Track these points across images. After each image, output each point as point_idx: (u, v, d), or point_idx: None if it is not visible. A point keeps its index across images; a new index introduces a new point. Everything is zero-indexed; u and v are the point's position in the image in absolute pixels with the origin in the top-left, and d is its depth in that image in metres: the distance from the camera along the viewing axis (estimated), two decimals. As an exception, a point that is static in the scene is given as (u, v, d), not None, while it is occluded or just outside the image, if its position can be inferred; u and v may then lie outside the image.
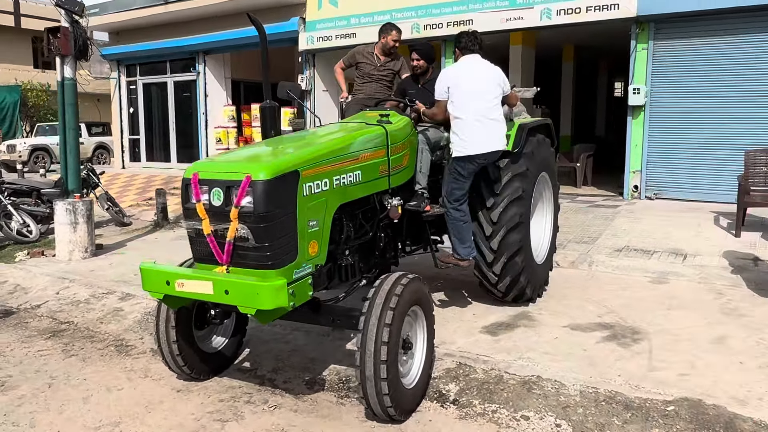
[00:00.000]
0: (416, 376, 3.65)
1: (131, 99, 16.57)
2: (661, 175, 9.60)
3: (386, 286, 3.41)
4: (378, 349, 3.22)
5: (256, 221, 3.20)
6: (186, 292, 3.29)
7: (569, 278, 6.16)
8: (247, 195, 3.20)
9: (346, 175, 3.79)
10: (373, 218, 4.34)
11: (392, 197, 4.38)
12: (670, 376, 3.84)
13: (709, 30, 9.00)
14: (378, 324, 3.26)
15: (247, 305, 3.10)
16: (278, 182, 3.24)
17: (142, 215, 10.79)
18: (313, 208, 3.50)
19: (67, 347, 4.85)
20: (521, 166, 4.91)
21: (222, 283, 3.16)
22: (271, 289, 3.04)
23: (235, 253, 3.30)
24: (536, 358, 4.16)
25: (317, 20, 12.58)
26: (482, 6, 10.54)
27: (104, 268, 7.02)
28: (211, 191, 3.31)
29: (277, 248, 3.26)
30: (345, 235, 3.98)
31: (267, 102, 4.46)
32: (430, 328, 3.80)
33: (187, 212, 3.46)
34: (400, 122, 4.54)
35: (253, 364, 4.39)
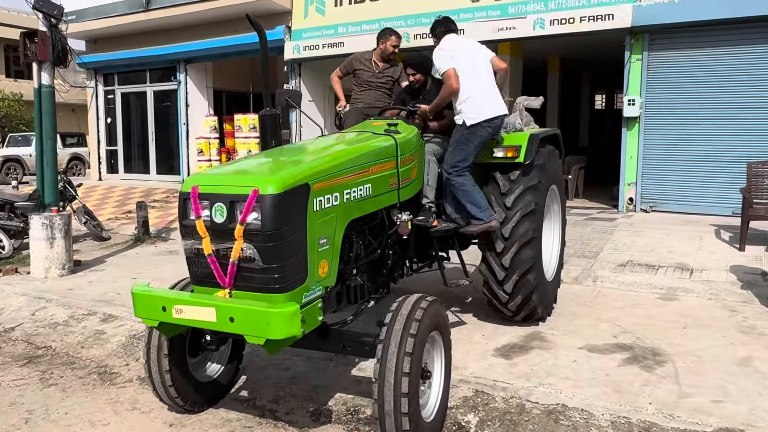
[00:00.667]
0: (434, 408, 3.35)
1: (109, 109, 16.07)
2: (657, 188, 9.46)
3: (405, 311, 3.11)
4: (399, 380, 2.92)
5: (263, 240, 2.88)
6: (185, 320, 2.95)
7: (576, 295, 5.92)
8: (254, 211, 2.88)
9: (356, 189, 3.50)
10: (382, 235, 4.04)
11: (401, 212, 4.09)
12: (704, 402, 3.60)
13: (704, 41, 8.92)
14: (398, 353, 2.96)
15: (255, 334, 2.78)
16: (288, 196, 2.93)
17: (121, 229, 10.36)
18: (323, 225, 3.20)
19: (44, 375, 4.45)
20: (533, 179, 4.66)
21: (226, 309, 2.83)
22: (284, 317, 2.72)
23: (239, 275, 2.98)
24: (558, 384, 3.89)
25: (303, 29, 12.31)
26: (473, 15, 10.36)
27: (83, 287, 6.61)
28: (213, 207, 2.99)
29: (287, 269, 2.95)
30: (354, 254, 3.68)
31: (267, 109, 4.16)
32: (448, 355, 3.52)
33: (185, 230, 3.12)
34: (409, 132, 4.26)
35: (251, 394, 4.05)
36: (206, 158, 14.45)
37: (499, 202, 4.60)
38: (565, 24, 9.50)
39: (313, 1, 12.17)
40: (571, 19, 9.42)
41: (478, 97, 4.52)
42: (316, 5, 12.13)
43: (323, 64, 12.64)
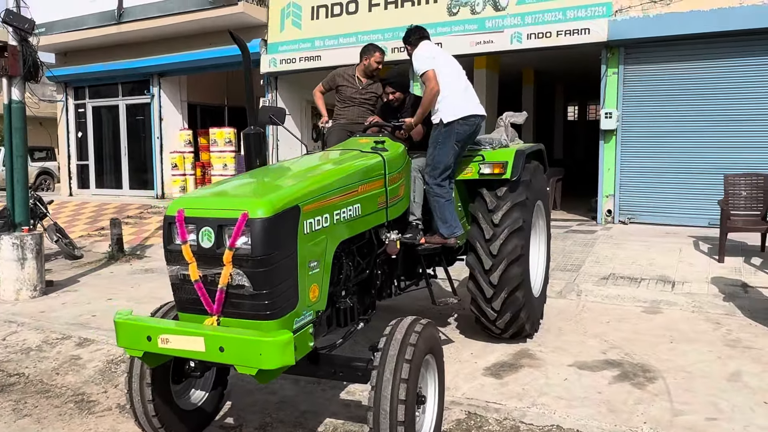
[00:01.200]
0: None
1: (80, 123, 15.74)
2: (635, 200, 9.56)
3: (399, 335, 3.02)
4: (395, 408, 2.82)
5: (254, 265, 2.77)
6: (171, 350, 2.82)
7: (561, 310, 5.91)
8: (244, 235, 2.76)
9: (346, 209, 3.41)
10: (370, 255, 3.95)
11: (389, 231, 4.02)
12: (698, 420, 3.58)
13: (679, 55, 9.07)
14: (393, 379, 2.86)
15: (247, 364, 2.66)
16: (278, 220, 2.82)
17: (94, 247, 10.11)
18: (313, 248, 3.10)
19: (18, 405, 4.24)
20: (520, 195, 4.63)
21: (216, 338, 2.71)
22: (277, 346, 2.61)
23: (228, 302, 2.85)
24: (551, 404, 3.84)
25: (280, 42, 12.22)
26: (450, 29, 10.40)
27: (56, 309, 6.39)
28: (200, 231, 2.86)
29: (278, 295, 2.84)
30: (344, 276, 3.58)
31: (251, 128, 4.04)
32: (441, 378, 3.42)
33: (170, 255, 2.99)
34: (396, 149, 4.20)
35: (237, 420, 3.91)
36: (180, 172, 14.24)
37: (487, 219, 4.56)
38: (542, 38, 9.58)
39: (290, 15, 12.10)
40: (548, 33, 9.51)
41: (455, 95, 4.54)
42: (293, 19, 12.07)
43: (300, 77, 12.59)
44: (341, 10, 11.58)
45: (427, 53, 4.63)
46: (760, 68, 8.59)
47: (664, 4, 8.97)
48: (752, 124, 8.64)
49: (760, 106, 8.61)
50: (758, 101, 8.62)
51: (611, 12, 9.26)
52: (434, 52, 4.68)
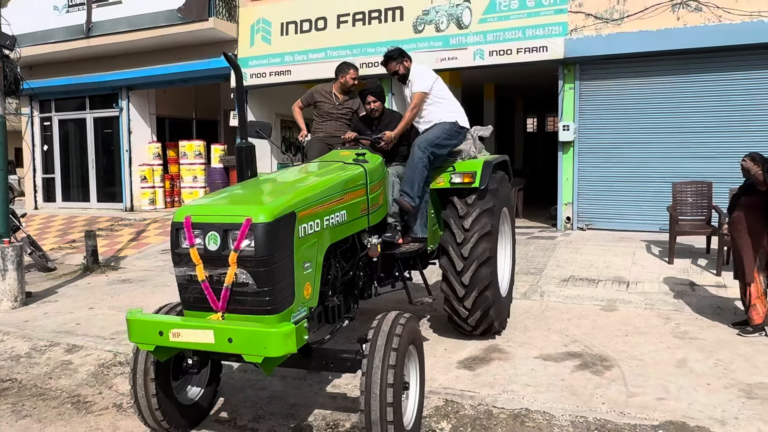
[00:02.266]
0: (413, 417, 3.60)
1: (46, 136, 15.65)
2: (592, 207, 10.12)
3: (386, 327, 3.37)
4: (384, 391, 3.16)
5: (257, 265, 3.08)
6: (182, 343, 3.10)
7: (526, 309, 6.33)
8: (247, 238, 3.08)
9: (334, 215, 3.75)
10: (354, 257, 4.30)
11: (371, 236, 4.37)
12: (649, 400, 4.01)
13: (630, 71, 9.69)
14: (382, 366, 3.20)
15: (254, 353, 2.97)
16: (278, 224, 3.15)
17: (66, 259, 10.16)
18: (307, 250, 3.43)
19: (16, 407, 4.43)
20: (488, 202, 5.04)
21: (225, 331, 3.01)
22: (281, 336, 2.93)
23: (232, 299, 3.15)
24: (520, 391, 4.23)
25: (250, 57, 12.48)
26: (416, 45, 10.84)
27: (39, 318, 6.53)
28: (207, 235, 3.16)
29: (278, 292, 3.16)
30: (332, 276, 3.92)
31: (243, 142, 4.35)
32: (422, 367, 3.78)
33: (177, 258, 3.27)
34: (375, 161, 4.56)
35: (231, 414, 4.19)
36: (150, 185, 14.31)
37: (458, 224, 4.95)
38: (503, 55, 10.10)
39: (259, 30, 12.39)
40: (509, 50, 10.04)
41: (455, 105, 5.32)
42: (263, 34, 12.35)
43: (270, 91, 12.87)
44: (310, 26, 11.94)
45: (431, 75, 5.20)
46: (701, 84, 9.26)
47: (615, 24, 9.60)
48: (696, 136, 9.28)
49: (702, 119, 9.27)
50: (701, 114, 9.28)
51: (567, 31, 9.84)
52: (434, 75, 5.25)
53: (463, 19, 10.57)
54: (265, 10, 12.38)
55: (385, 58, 5.29)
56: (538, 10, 10.01)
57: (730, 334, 5.39)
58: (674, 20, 9.24)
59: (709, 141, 9.11)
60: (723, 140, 8.92)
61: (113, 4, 12.92)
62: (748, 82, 8.99)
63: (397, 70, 5.23)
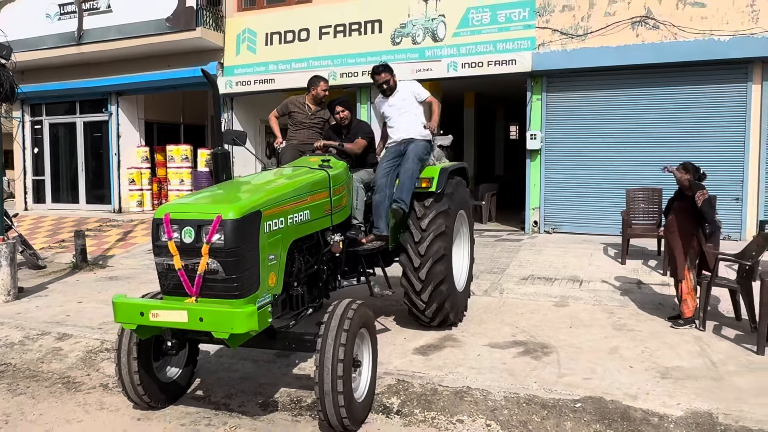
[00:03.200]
0: (365, 391, 4.11)
1: (36, 139, 16.05)
2: (557, 211, 10.69)
3: (339, 311, 3.89)
4: (335, 366, 3.67)
5: (226, 255, 3.58)
6: (161, 322, 3.61)
7: (485, 305, 6.86)
8: (218, 232, 3.58)
9: (297, 214, 4.26)
10: (318, 253, 4.81)
11: (334, 234, 4.88)
12: (577, 380, 4.55)
13: (592, 84, 10.29)
14: (334, 344, 3.71)
15: (222, 330, 3.47)
16: (245, 221, 3.66)
17: (56, 258, 10.59)
18: (272, 244, 3.93)
19: (11, 387, 4.90)
20: (444, 205, 5.56)
21: (196, 311, 3.51)
22: (245, 315, 3.44)
23: (204, 285, 3.64)
24: (464, 372, 4.75)
25: (235, 65, 12.98)
26: (394, 57, 11.37)
27: (31, 311, 6.98)
28: (183, 230, 3.66)
29: (245, 279, 3.66)
30: (296, 268, 4.42)
31: (219, 148, 4.86)
32: (375, 348, 4.29)
33: (157, 249, 3.77)
34: (339, 167, 5.08)
35: (206, 392, 4.68)
36: (138, 188, 14.75)
37: (416, 225, 5.48)
38: (475, 67, 10.67)
39: (245, 40, 12.90)
40: (480, 63, 10.61)
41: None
42: (248, 44, 12.86)
43: (255, 98, 13.37)
44: (293, 37, 12.46)
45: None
46: (656, 97, 9.87)
47: (579, 40, 10.20)
48: (649, 145, 9.88)
49: (656, 129, 9.87)
50: (655, 125, 9.88)
51: (535, 45, 10.43)
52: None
53: (438, 33, 11.14)
54: (251, 20, 12.90)
55: (376, 69, 5.87)
56: (508, 25, 10.60)
57: (664, 326, 5.94)
58: (634, 37, 9.85)
59: (661, 150, 9.66)
60: (674, 149, 9.45)
61: (104, 12, 13.37)
62: (699, 96, 9.61)
63: (387, 81, 5.83)
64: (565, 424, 3.93)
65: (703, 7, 9.47)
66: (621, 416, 3.96)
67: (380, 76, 5.83)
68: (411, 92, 5.87)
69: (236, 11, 13.12)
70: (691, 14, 9.54)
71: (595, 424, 3.90)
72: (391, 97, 5.91)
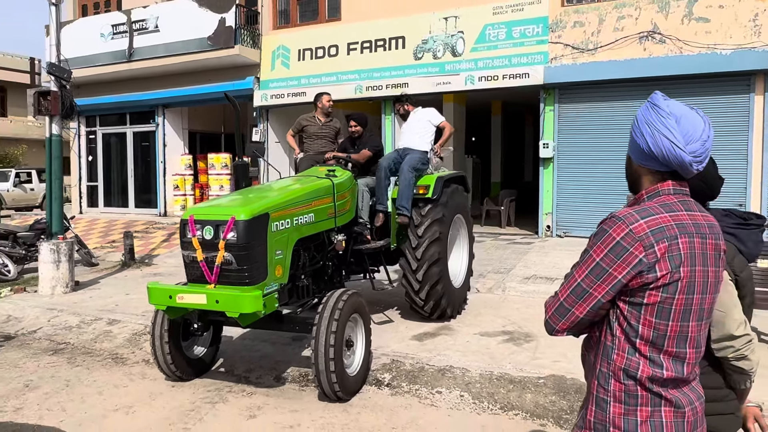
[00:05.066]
0: (358, 366, 4.83)
1: (90, 147, 17.42)
2: (569, 216, 11.24)
3: (331, 302, 4.56)
4: (327, 350, 4.37)
5: (238, 250, 4.31)
6: (185, 303, 4.38)
7: (486, 301, 7.52)
8: (232, 231, 4.31)
9: (302, 217, 5.00)
10: (323, 250, 5.55)
11: (338, 234, 5.63)
12: (547, 362, 5.20)
13: (602, 96, 10.83)
14: (326, 332, 4.41)
15: (232, 310, 4.22)
16: (254, 221, 4.40)
17: (107, 256, 11.69)
18: (279, 241, 4.67)
19: (70, 360, 5.85)
20: (438, 213, 6.19)
21: (213, 295, 4.26)
22: (251, 298, 4.18)
23: (221, 274, 4.35)
24: (451, 355, 5.45)
25: (270, 79, 13.96)
26: (416, 71, 12.15)
27: (86, 301, 7.98)
28: (204, 228, 4.40)
29: (253, 270, 4.39)
30: (302, 263, 5.17)
31: (240, 160, 5.68)
32: (368, 330, 5.01)
33: (184, 244, 4.54)
34: (344, 176, 5.82)
35: (229, 368, 5.51)
36: (182, 193, 15.88)
37: (413, 232, 6.13)
38: (491, 80, 11.35)
39: (279, 56, 13.86)
40: (495, 76, 11.28)
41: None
42: (282, 60, 13.83)
43: (288, 110, 14.31)
44: (324, 53, 13.35)
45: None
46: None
47: (589, 54, 10.76)
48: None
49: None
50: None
51: (548, 60, 11.03)
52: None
53: (457, 48, 11.85)
54: (285, 38, 13.86)
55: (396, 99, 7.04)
56: (522, 40, 11.24)
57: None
58: (641, 51, 10.37)
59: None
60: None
61: (152, 32, 14.54)
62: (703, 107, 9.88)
63: (398, 110, 6.92)
64: (526, 395, 4.61)
65: (708, 21, 9.92)
66: (576, 390, 4.60)
67: (395, 107, 7.01)
68: (427, 117, 6.70)
69: (272, 29, 14.10)
70: (695, 29, 10.00)
71: (551, 396, 4.56)
72: (409, 118, 6.82)
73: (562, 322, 1.77)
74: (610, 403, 1.72)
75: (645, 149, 1.74)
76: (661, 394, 1.67)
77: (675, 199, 1.73)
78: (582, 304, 1.72)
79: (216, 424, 4.35)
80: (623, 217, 1.69)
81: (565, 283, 1.78)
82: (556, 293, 1.80)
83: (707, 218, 1.74)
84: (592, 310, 1.72)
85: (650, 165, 1.76)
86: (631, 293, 1.67)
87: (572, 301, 1.73)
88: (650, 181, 1.78)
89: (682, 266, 1.63)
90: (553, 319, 1.78)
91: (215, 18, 13.54)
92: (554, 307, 1.78)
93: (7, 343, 6.47)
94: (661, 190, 1.74)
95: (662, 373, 1.67)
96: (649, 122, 1.74)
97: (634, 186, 1.85)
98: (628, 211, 1.71)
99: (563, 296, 1.76)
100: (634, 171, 1.84)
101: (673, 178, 1.75)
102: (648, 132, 1.73)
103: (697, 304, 1.68)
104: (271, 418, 4.42)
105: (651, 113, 1.74)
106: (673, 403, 1.68)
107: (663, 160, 1.71)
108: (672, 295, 1.64)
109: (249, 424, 4.35)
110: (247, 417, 4.46)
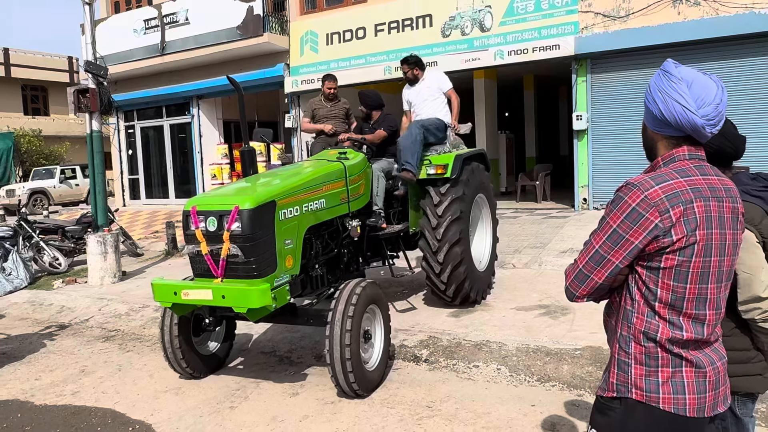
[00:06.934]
0: (377, 361, 4.59)
1: (130, 142, 17.90)
2: (605, 188, 11.09)
3: (344, 295, 4.30)
4: (343, 335, 4.10)
5: (244, 241, 4.00)
6: (190, 299, 4.12)
7: (522, 276, 7.54)
8: (236, 221, 4.00)
9: (312, 203, 4.65)
10: (337, 237, 5.23)
11: (352, 219, 5.25)
12: (583, 334, 5.22)
13: (635, 63, 10.60)
14: (342, 316, 4.14)
15: (239, 305, 3.97)
16: (260, 210, 4.06)
17: (151, 247, 12.05)
18: (288, 230, 4.34)
19: (121, 346, 6.12)
20: (459, 191, 5.88)
21: (219, 290, 4.00)
22: (258, 292, 3.90)
23: (228, 268, 4.07)
24: (487, 330, 5.51)
25: (300, 65, 14.07)
26: (445, 49, 12.08)
27: (133, 290, 8.29)
28: (207, 219, 4.11)
29: (261, 262, 4.06)
30: (314, 251, 4.86)
31: (246, 146, 5.72)
32: (386, 323, 4.73)
33: (187, 237, 4.28)
34: (356, 158, 5.47)
35: (271, 349, 5.69)
36: (219, 182, 16.20)
37: (433, 211, 5.83)
38: (521, 54, 11.21)
39: (308, 42, 13.95)
40: (525, 50, 11.14)
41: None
42: (310, 45, 13.91)
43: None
44: (351, 35, 13.38)
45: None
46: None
47: (621, 21, 10.53)
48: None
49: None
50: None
51: (578, 30, 10.84)
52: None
53: (485, 23, 11.73)
54: (313, 23, 13.92)
55: (401, 61, 6.62)
56: (552, 11, 11.05)
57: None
58: (675, 15, 10.10)
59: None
60: (720, 123, 9.71)
61: (183, 24, 14.79)
62: (743, 70, 9.75)
63: (406, 72, 6.55)
64: (563, 367, 4.65)
65: (744, -20, 9.60)
66: (613, 361, 4.62)
67: (402, 68, 6.59)
68: (437, 84, 6.47)
69: (299, 15, 14.18)
70: (731, -11, 9.69)
71: (588, 366, 4.60)
72: (417, 84, 6.55)
73: (581, 288, 1.82)
74: (631, 365, 1.77)
75: (658, 116, 1.77)
76: (682, 355, 1.72)
77: (690, 164, 1.75)
78: (600, 270, 1.77)
79: (261, 401, 4.52)
80: (638, 183, 1.72)
81: (583, 250, 1.82)
82: (575, 260, 1.85)
83: (724, 182, 1.76)
84: (610, 276, 1.77)
85: (665, 131, 1.79)
86: (649, 258, 1.71)
87: (591, 267, 1.78)
88: (665, 147, 1.81)
89: (698, 229, 1.66)
90: (573, 286, 1.84)
91: (243, 7, 13.69)
92: (574, 273, 1.83)
93: (62, 332, 6.79)
94: (676, 156, 1.77)
95: (682, 335, 1.71)
96: (661, 89, 1.76)
97: (651, 153, 1.88)
98: (644, 178, 1.74)
99: (582, 263, 1.81)
100: (650, 138, 1.87)
101: (688, 144, 1.77)
102: (660, 98, 1.75)
103: (715, 267, 1.71)
104: (313, 395, 4.57)
105: (662, 80, 1.76)
106: (694, 364, 1.72)
107: (676, 125, 1.73)
108: (688, 258, 1.67)
109: (292, 401, 4.51)
110: (290, 395, 4.62)
